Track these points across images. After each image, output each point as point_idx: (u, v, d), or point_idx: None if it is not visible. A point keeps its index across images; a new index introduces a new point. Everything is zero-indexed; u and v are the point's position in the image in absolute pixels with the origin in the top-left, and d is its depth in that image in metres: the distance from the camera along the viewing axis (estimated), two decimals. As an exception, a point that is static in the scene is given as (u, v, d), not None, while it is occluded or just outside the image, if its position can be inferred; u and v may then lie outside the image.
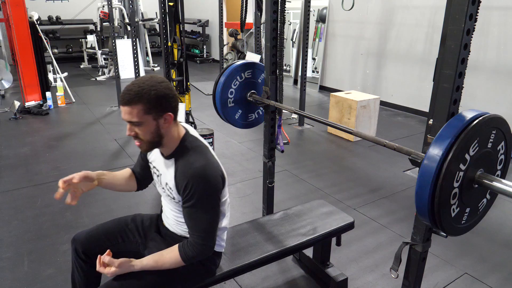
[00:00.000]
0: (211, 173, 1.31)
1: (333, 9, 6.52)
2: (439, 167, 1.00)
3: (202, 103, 5.87)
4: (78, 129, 4.74)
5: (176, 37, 3.66)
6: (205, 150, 1.37)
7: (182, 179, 1.30)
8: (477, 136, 1.04)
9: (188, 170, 1.29)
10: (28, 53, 5.26)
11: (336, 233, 1.91)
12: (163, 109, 1.25)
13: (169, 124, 1.29)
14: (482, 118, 1.04)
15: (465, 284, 2.12)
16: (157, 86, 1.23)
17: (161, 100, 1.23)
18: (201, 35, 10.14)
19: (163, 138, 1.31)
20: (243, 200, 3.01)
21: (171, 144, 1.35)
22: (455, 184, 1.05)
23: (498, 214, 2.82)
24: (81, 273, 1.52)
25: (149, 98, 1.21)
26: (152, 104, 1.22)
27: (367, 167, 3.69)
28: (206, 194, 1.30)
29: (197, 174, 1.28)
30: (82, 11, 9.51)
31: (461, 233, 1.16)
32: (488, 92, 4.50)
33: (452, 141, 1.01)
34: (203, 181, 1.28)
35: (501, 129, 1.11)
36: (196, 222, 1.33)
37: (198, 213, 1.32)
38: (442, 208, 1.04)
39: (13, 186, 3.20)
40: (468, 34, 1.09)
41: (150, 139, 1.29)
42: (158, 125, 1.27)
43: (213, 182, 1.30)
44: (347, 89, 6.05)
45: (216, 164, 1.35)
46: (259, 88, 2.18)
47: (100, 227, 1.57)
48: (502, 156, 1.17)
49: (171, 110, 1.27)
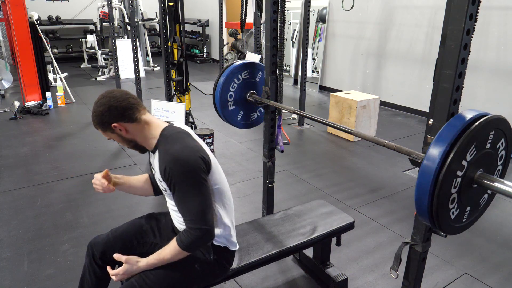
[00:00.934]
0: (187, 154, 1.30)
1: (333, 9, 6.52)
2: (439, 167, 1.00)
3: (202, 103, 5.88)
4: (78, 129, 4.74)
5: (176, 37, 3.66)
6: (183, 136, 1.37)
7: (162, 166, 1.32)
8: (477, 136, 1.04)
9: (165, 156, 1.31)
10: (28, 53, 5.26)
11: (336, 233, 1.91)
12: (108, 124, 1.34)
13: (126, 131, 1.36)
14: (482, 118, 1.04)
15: (465, 284, 2.12)
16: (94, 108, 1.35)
17: (101, 118, 1.34)
18: (201, 35, 10.14)
19: (136, 141, 1.40)
20: (243, 200, 3.01)
21: (149, 141, 1.39)
22: (455, 185, 1.05)
23: (498, 214, 2.83)
24: (93, 277, 1.53)
25: (95, 121, 1.36)
26: (99, 124, 1.36)
27: (367, 167, 3.69)
28: (185, 177, 1.29)
29: (172, 158, 1.29)
30: (82, 11, 9.50)
31: (460, 231, 1.17)
32: (488, 92, 4.50)
33: (452, 141, 1.01)
34: (178, 163, 1.28)
35: (501, 129, 1.11)
36: (183, 206, 1.33)
37: (184, 197, 1.31)
38: (442, 209, 1.04)
39: (13, 186, 3.20)
40: (468, 34, 1.09)
41: (127, 146, 1.43)
42: (120, 134, 1.38)
43: (192, 163, 1.29)
44: (347, 89, 6.05)
45: (195, 147, 1.34)
46: (258, 88, 2.18)
47: (117, 232, 1.58)
48: (502, 157, 1.17)
49: (114, 120, 1.33)
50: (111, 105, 1.32)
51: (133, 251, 1.53)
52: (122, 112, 1.33)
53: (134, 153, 3.90)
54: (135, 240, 1.55)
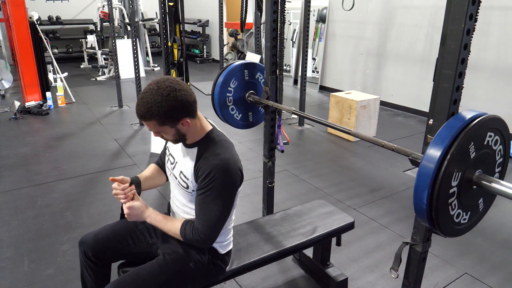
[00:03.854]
0: (234, 167, 1.33)
1: (333, 9, 6.52)
2: (437, 168, 1.00)
3: (202, 103, 5.84)
4: (78, 129, 4.74)
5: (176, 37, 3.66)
6: (231, 146, 1.41)
7: (206, 167, 1.31)
8: (475, 137, 1.04)
9: (213, 160, 1.31)
10: (28, 53, 5.26)
11: (336, 233, 1.91)
12: (176, 119, 1.28)
13: (188, 126, 1.32)
14: (480, 118, 1.04)
15: (465, 284, 2.12)
16: (164, 101, 1.22)
17: (171, 113, 1.25)
18: (201, 35, 10.14)
19: (186, 135, 1.36)
20: (243, 200, 3.01)
21: (195, 136, 1.39)
22: (453, 186, 1.04)
23: (498, 214, 2.82)
24: (91, 273, 1.53)
25: (159, 115, 1.24)
26: (163, 118, 1.25)
27: (367, 167, 3.69)
28: (224, 187, 1.32)
29: (221, 165, 1.30)
30: (82, 11, 9.50)
31: (460, 234, 1.16)
32: (488, 92, 4.49)
33: (450, 142, 1.00)
34: (225, 173, 1.30)
35: (500, 129, 1.11)
36: (206, 211, 1.33)
37: (211, 203, 1.32)
38: (441, 210, 1.03)
39: (13, 186, 3.20)
40: (468, 34, 1.09)
41: (174, 139, 1.37)
42: (178, 129, 1.31)
43: (234, 177, 1.33)
44: (347, 89, 6.05)
45: (239, 162, 1.38)
46: (258, 88, 2.18)
47: (107, 228, 1.56)
48: (500, 157, 1.17)
49: (185, 115, 1.28)
50: (187, 101, 1.27)
51: (128, 251, 1.52)
52: (193, 108, 1.31)
53: (134, 153, 3.91)
54: (130, 239, 1.53)
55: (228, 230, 1.52)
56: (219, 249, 1.50)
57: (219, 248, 1.50)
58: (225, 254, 1.52)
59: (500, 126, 1.10)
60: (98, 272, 1.53)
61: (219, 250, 1.50)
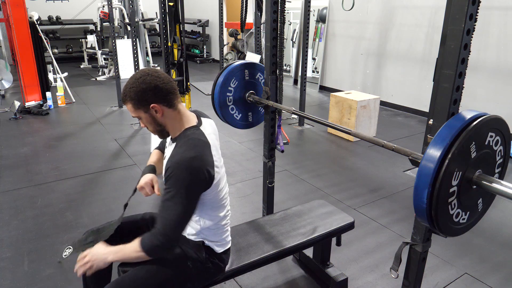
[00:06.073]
0: (197, 165, 1.27)
1: (333, 9, 6.52)
2: (438, 167, 1.00)
3: (202, 103, 5.87)
4: (78, 129, 4.74)
5: (176, 37, 3.66)
6: (203, 146, 1.33)
7: (168, 164, 1.30)
8: (476, 137, 1.04)
9: (175, 156, 1.30)
10: (28, 53, 5.26)
11: (336, 233, 1.91)
12: (147, 103, 1.30)
13: (162, 114, 1.33)
14: (482, 118, 1.04)
15: (465, 284, 2.12)
16: (135, 84, 1.29)
17: (142, 96, 1.29)
18: (201, 35, 10.14)
19: (166, 126, 1.38)
20: (243, 200, 3.01)
21: (175, 130, 1.40)
22: (454, 185, 1.04)
23: (498, 214, 2.82)
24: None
25: (131, 96, 1.30)
26: (135, 100, 1.30)
27: (367, 167, 3.69)
28: (183, 185, 1.26)
29: (181, 162, 1.26)
30: (82, 11, 9.50)
31: (459, 234, 1.16)
32: (488, 92, 4.49)
33: (451, 141, 1.00)
34: (186, 171, 1.26)
35: (500, 129, 1.11)
36: (164, 210, 1.28)
37: (169, 201, 1.27)
38: (440, 209, 1.04)
39: (13, 186, 3.20)
40: (468, 34, 1.09)
41: (153, 129, 1.39)
42: (152, 116, 1.34)
43: (195, 175, 1.27)
44: (347, 89, 6.05)
45: (206, 161, 1.31)
46: (258, 88, 2.18)
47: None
48: (500, 158, 1.17)
49: (156, 101, 1.31)
50: (157, 85, 1.30)
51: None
52: (165, 95, 1.32)
53: (134, 153, 3.90)
54: (130, 239, 1.53)
55: (223, 229, 1.51)
56: (215, 247, 1.49)
57: (215, 246, 1.49)
58: (223, 253, 1.52)
59: (501, 126, 1.10)
60: (98, 272, 1.53)
61: (215, 248, 1.49)
